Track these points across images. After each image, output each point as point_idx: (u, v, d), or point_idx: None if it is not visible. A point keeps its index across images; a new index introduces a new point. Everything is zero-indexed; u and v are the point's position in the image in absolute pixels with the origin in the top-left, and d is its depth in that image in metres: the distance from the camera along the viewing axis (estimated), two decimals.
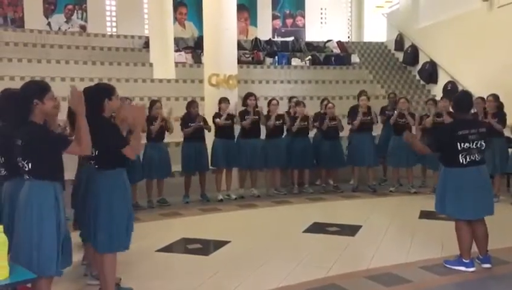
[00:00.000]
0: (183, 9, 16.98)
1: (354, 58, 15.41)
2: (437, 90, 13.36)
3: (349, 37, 18.76)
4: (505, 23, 10.76)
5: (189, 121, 8.11)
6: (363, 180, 9.16)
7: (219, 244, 5.84)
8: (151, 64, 12.72)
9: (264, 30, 17.62)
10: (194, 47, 14.50)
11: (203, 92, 9.52)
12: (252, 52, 14.84)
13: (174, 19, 14.99)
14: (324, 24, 18.71)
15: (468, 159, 4.73)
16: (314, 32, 18.09)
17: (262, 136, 8.79)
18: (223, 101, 8.39)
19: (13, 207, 3.80)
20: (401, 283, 4.58)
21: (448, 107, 8.24)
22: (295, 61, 14.82)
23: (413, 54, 14.88)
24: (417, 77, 14.71)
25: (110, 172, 4.00)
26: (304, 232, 6.42)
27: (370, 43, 17.01)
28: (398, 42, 15.72)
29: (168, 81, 12.22)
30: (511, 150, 8.29)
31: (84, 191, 4.23)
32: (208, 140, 8.36)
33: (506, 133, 8.24)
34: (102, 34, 15.13)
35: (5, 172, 3.99)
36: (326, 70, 14.61)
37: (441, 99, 8.78)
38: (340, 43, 16.16)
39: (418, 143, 5.19)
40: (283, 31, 18.20)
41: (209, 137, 8.40)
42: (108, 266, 4.05)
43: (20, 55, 11.93)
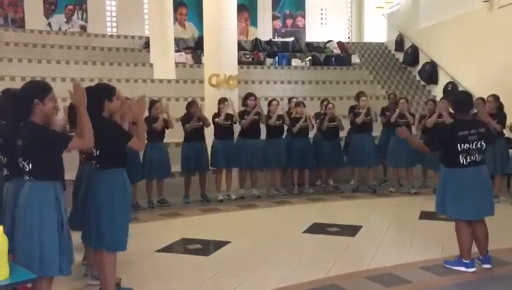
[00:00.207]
0: (184, 10, 16.98)
1: (354, 59, 15.41)
2: (437, 91, 13.36)
3: (349, 38, 18.76)
4: (505, 23, 10.76)
5: (189, 121, 8.11)
6: (363, 181, 9.16)
7: (219, 244, 5.84)
8: (151, 65, 12.73)
9: (264, 30, 17.63)
10: (194, 47, 14.50)
11: (203, 93, 9.52)
12: (252, 53, 14.84)
13: (174, 19, 14.99)
14: (324, 24, 18.71)
15: (469, 159, 4.72)
16: (314, 33, 18.09)
17: (262, 136, 8.78)
18: (223, 101, 8.38)
19: (15, 207, 3.80)
20: (401, 284, 4.58)
21: (448, 107, 8.25)
22: (295, 62, 14.81)
23: (413, 54, 14.87)
24: (417, 78, 14.70)
25: (110, 171, 4.01)
26: (304, 232, 6.42)
27: (370, 43, 17.01)
28: (399, 43, 15.72)
29: (168, 81, 12.23)
30: (511, 151, 8.29)
31: (85, 191, 4.23)
32: (208, 140, 8.36)
33: (506, 133, 8.24)
34: (103, 35, 15.13)
35: (7, 172, 3.99)
36: (326, 71, 14.62)
37: (441, 99, 8.77)
38: (340, 44, 16.16)
39: (415, 140, 5.20)
40: (283, 31, 18.20)
41: (209, 137, 8.40)
42: (109, 266, 4.05)
43: (20, 55, 11.93)
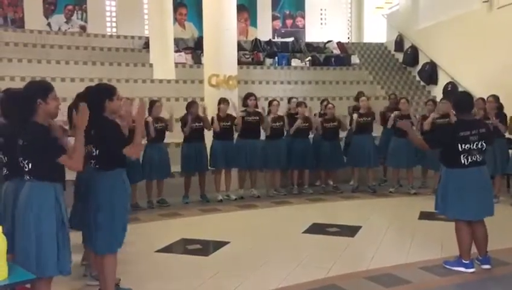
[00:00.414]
0: (183, 10, 16.99)
1: (354, 59, 15.42)
2: (437, 91, 13.37)
3: (349, 38, 18.77)
4: (504, 23, 10.77)
5: (186, 124, 8.10)
6: (363, 181, 9.16)
7: (219, 244, 5.84)
8: (151, 65, 12.73)
9: (264, 31, 17.63)
10: (194, 47, 14.51)
11: (203, 93, 9.52)
12: (252, 53, 14.85)
13: (174, 20, 14.99)
14: (324, 25, 18.72)
15: (470, 159, 4.73)
16: (314, 33, 18.10)
17: (262, 136, 8.77)
18: (223, 101, 8.37)
19: (15, 207, 3.80)
20: (400, 284, 4.58)
21: (450, 108, 8.25)
22: (295, 62, 14.82)
23: (413, 54, 14.89)
24: (417, 78, 14.72)
25: (110, 173, 4.00)
26: (304, 232, 6.41)
27: (370, 44, 17.02)
28: (398, 43, 15.73)
29: (168, 81, 12.23)
30: (511, 151, 8.29)
31: (85, 192, 4.23)
32: (208, 140, 8.35)
33: (506, 133, 8.24)
34: (102, 35, 15.15)
35: (7, 172, 3.99)
36: (326, 71, 14.63)
37: (442, 100, 8.77)
38: (340, 44, 16.16)
39: (415, 135, 5.20)
40: (283, 31, 18.20)
41: (209, 137, 8.39)
42: (109, 267, 4.05)
43: (20, 55, 11.93)
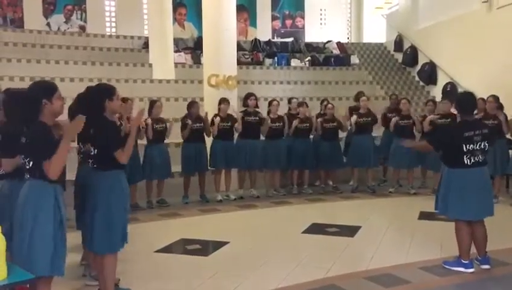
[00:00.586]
0: (183, 10, 16.98)
1: (354, 59, 15.40)
2: (436, 92, 13.37)
3: (348, 38, 18.76)
4: (504, 24, 10.77)
5: (189, 120, 8.10)
6: (363, 181, 9.16)
7: (218, 245, 5.84)
8: (150, 65, 12.72)
9: (263, 31, 17.62)
10: (194, 47, 14.49)
11: (203, 93, 9.51)
12: (251, 53, 14.83)
13: (174, 20, 14.98)
14: (324, 25, 18.71)
15: (473, 160, 4.74)
16: (313, 33, 18.09)
17: (262, 137, 8.76)
18: (223, 102, 8.36)
19: (12, 206, 3.80)
20: (400, 284, 4.58)
21: (450, 108, 8.27)
22: (294, 62, 14.80)
23: (412, 55, 14.88)
24: (416, 78, 14.71)
25: (107, 173, 3.99)
26: (303, 233, 6.41)
27: (369, 44, 17.01)
28: (398, 43, 15.72)
29: (168, 81, 12.22)
30: (511, 151, 8.30)
31: (84, 192, 4.22)
32: (208, 141, 8.35)
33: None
34: (102, 35, 15.11)
35: (4, 171, 3.99)
36: (325, 71, 14.62)
37: (442, 100, 8.78)
38: (339, 44, 16.15)
39: (420, 144, 5.19)
40: (282, 31, 18.19)
41: (209, 137, 8.38)
42: (109, 267, 4.04)
43: (19, 55, 11.90)
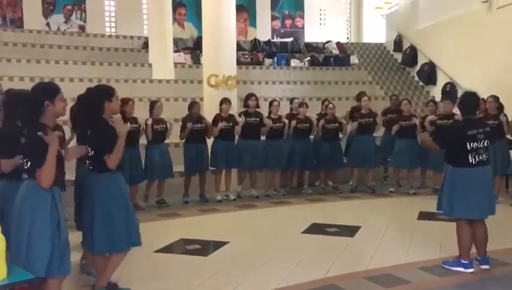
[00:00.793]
0: (183, 10, 16.97)
1: (353, 59, 15.40)
2: (436, 92, 13.37)
3: (348, 38, 18.76)
4: (504, 24, 10.76)
5: (190, 122, 8.09)
6: (362, 181, 9.16)
7: (218, 245, 5.84)
8: (150, 65, 12.71)
9: (263, 31, 17.61)
10: (193, 48, 14.48)
11: (202, 93, 9.51)
12: (251, 53, 14.82)
13: (173, 20, 14.97)
14: (323, 25, 18.71)
15: (477, 159, 4.76)
16: (313, 33, 18.09)
17: (262, 137, 8.76)
18: (224, 102, 8.33)
19: (9, 207, 3.80)
20: (400, 284, 4.58)
21: (451, 108, 8.30)
22: (294, 62, 14.80)
23: (412, 55, 14.88)
24: (416, 78, 14.71)
25: (104, 174, 3.97)
26: (303, 233, 6.41)
27: (369, 44, 17.01)
28: (397, 43, 15.72)
29: (167, 81, 12.21)
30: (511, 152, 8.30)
31: (82, 193, 4.21)
32: (209, 141, 8.34)
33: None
34: (102, 35, 15.10)
35: (0, 171, 3.99)
36: (325, 71, 14.61)
37: (444, 101, 8.80)
38: (339, 44, 16.15)
39: (427, 139, 5.24)
40: (282, 31, 18.19)
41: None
42: (112, 264, 4.07)
43: (19, 55, 11.89)
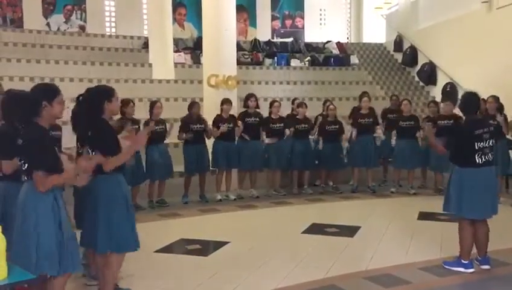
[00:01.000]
0: (183, 10, 16.98)
1: (353, 59, 15.41)
2: (436, 92, 13.38)
3: (348, 38, 18.77)
4: (504, 24, 10.77)
5: (190, 123, 8.11)
6: (363, 182, 9.16)
7: (218, 245, 5.84)
8: (150, 65, 12.72)
9: (263, 31, 17.62)
10: (193, 48, 14.49)
11: (202, 93, 9.51)
12: (251, 53, 14.83)
13: (174, 20, 14.98)
14: (323, 25, 18.72)
15: (484, 159, 4.77)
16: (313, 33, 18.10)
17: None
18: (225, 102, 8.32)
19: (7, 207, 3.81)
20: (400, 284, 4.58)
21: (453, 109, 8.31)
22: (294, 62, 14.81)
23: (412, 55, 14.89)
24: (416, 78, 14.72)
25: (104, 176, 3.93)
26: (303, 233, 6.41)
27: (369, 44, 17.03)
28: (397, 43, 15.73)
29: (167, 81, 12.22)
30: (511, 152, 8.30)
31: (83, 193, 4.21)
32: (209, 141, 8.34)
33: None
34: (102, 35, 15.12)
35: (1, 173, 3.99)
36: (325, 71, 14.62)
37: (444, 101, 8.81)
38: (339, 44, 16.16)
39: (436, 142, 5.24)
40: (282, 32, 18.20)
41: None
42: (112, 267, 4.04)
43: (19, 55, 11.90)
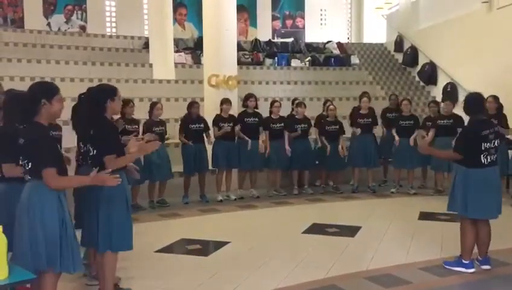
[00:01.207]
0: (183, 10, 17.00)
1: (354, 60, 15.41)
2: (437, 92, 13.38)
3: (348, 38, 18.78)
4: (504, 24, 10.77)
5: (190, 122, 8.11)
6: (363, 182, 9.15)
7: (218, 245, 5.84)
8: (150, 65, 12.73)
9: (263, 31, 17.64)
10: (194, 48, 14.51)
11: (203, 93, 9.51)
12: (251, 53, 14.84)
13: (174, 20, 15.00)
14: (324, 25, 18.73)
15: (489, 159, 4.78)
16: (313, 33, 18.11)
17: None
18: (225, 102, 8.33)
19: (8, 208, 3.80)
20: (400, 284, 4.58)
21: (452, 109, 8.30)
22: (295, 62, 14.81)
23: (412, 55, 14.89)
24: (417, 78, 14.72)
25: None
26: (304, 233, 6.41)
27: (370, 44, 17.03)
28: (398, 43, 15.73)
29: (168, 81, 12.23)
30: (510, 152, 8.29)
31: (85, 192, 4.21)
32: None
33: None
34: (102, 35, 15.15)
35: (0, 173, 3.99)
36: (326, 72, 14.62)
37: (445, 101, 8.80)
38: (339, 44, 16.16)
39: (440, 152, 5.23)
40: (283, 32, 18.21)
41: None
42: (109, 266, 4.04)
43: (19, 55, 11.92)
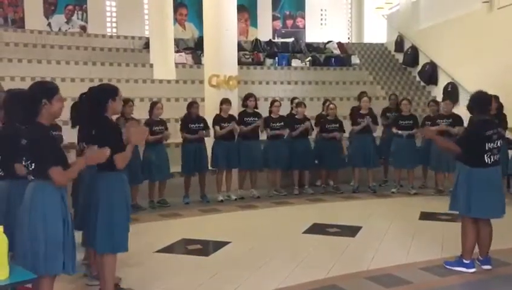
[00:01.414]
0: (184, 10, 17.00)
1: (354, 60, 15.41)
2: (437, 92, 13.36)
3: (349, 38, 18.78)
4: (505, 24, 10.76)
5: (189, 122, 8.11)
6: (363, 182, 9.16)
7: (219, 245, 5.84)
8: (151, 65, 12.73)
9: (264, 31, 17.64)
10: (194, 48, 14.50)
11: (203, 93, 9.51)
12: (252, 53, 14.83)
13: (174, 20, 14.99)
14: (324, 25, 18.73)
15: (492, 159, 4.77)
16: (314, 33, 18.10)
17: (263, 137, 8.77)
18: (225, 102, 8.34)
19: (9, 207, 3.81)
20: (401, 284, 4.58)
21: (452, 108, 8.30)
22: (295, 62, 14.81)
23: (413, 55, 14.88)
24: (417, 78, 14.71)
25: (109, 173, 3.97)
26: (304, 233, 6.41)
27: (370, 44, 17.03)
28: (398, 43, 15.73)
29: (168, 82, 12.23)
30: (510, 152, 8.29)
31: (87, 192, 4.22)
32: (208, 141, 8.34)
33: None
34: (103, 35, 15.15)
35: (1, 172, 3.99)
36: (326, 72, 14.62)
37: (445, 101, 8.80)
38: (340, 44, 16.16)
39: (442, 141, 5.23)
40: (283, 32, 18.21)
41: (210, 137, 8.38)
42: (108, 267, 4.04)
43: (20, 55, 11.92)
